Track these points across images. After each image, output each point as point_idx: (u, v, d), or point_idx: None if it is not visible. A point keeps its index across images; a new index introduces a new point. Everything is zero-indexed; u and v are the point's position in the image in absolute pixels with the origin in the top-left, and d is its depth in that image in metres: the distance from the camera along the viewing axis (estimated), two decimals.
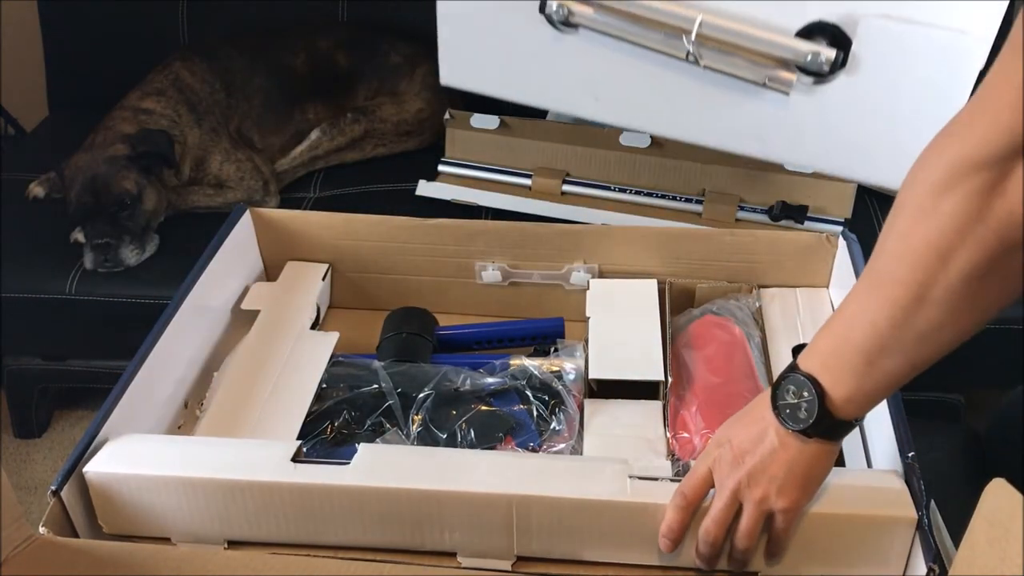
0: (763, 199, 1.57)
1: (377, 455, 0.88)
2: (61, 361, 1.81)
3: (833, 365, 0.74)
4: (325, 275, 1.22)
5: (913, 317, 0.70)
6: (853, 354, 0.73)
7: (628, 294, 1.14)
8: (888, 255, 0.70)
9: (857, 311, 0.73)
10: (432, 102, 1.89)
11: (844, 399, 0.74)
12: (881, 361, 0.72)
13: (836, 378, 0.74)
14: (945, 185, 0.65)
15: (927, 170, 0.68)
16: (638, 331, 1.08)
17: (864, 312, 0.72)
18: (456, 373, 1.05)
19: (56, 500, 0.85)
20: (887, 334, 0.71)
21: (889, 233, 0.70)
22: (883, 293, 0.70)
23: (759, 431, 0.77)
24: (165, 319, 1.04)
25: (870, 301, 0.72)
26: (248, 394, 1.05)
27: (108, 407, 0.93)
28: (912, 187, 0.68)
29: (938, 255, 0.67)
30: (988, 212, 0.64)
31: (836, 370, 0.74)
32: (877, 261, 0.72)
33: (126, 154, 1.63)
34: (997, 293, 0.69)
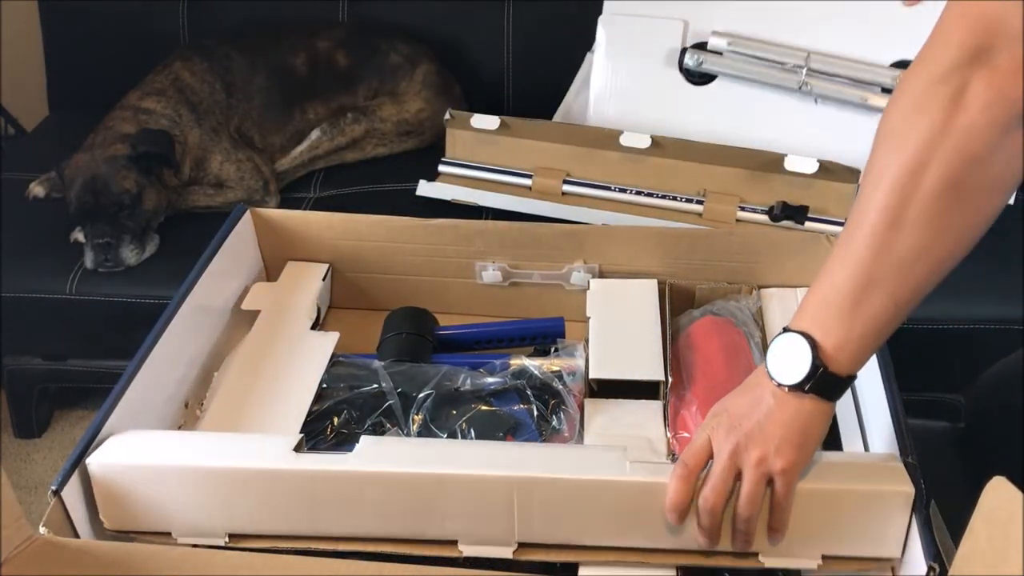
0: (764, 199, 1.57)
1: (378, 445, 0.88)
2: (61, 361, 1.81)
3: (821, 315, 0.76)
4: (325, 275, 1.22)
5: (893, 242, 0.72)
6: (838, 297, 0.75)
7: (628, 294, 1.14)
8: (867, 187, 0.74)
9: (839, 253, 0.75)
10: (432, 102, 1.89)
11: (835, 347, 0.75)
12: (867, 298, 0.74)
13: (825, 327, 0.75)
14: (915, 108, 0.70)
15: (899, 101, 0.72)
16: (638, 331, 1.08)
17: (846, 251, 0.74)
18: (456, 373, 1.05)
19: (56, 500, 0.85)
20: (870, 266, 0.73)
21: (868, 169, 0.74)
22: (863, 225, 0.73)
23: (755, 396, 0.78)
24: (166, 319, 1.04)
25: (852, 238, 0.74)
26: (248, 394, 1.05)
27: (108, 407, 0.93)
28: (887, 120, 0.72)
29: (910, 175, 0.70)
30: (951, 127, 0.68)
31: (824, 319, 0.75)
32: (858, 200, 0.75)
33: (126, 154, 1.63)
34: (972, 212, 0.72)
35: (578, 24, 1.93)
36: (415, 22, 1.98)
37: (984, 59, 0.68)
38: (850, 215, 0.76)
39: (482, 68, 1.99)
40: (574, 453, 0.87)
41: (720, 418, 0.80)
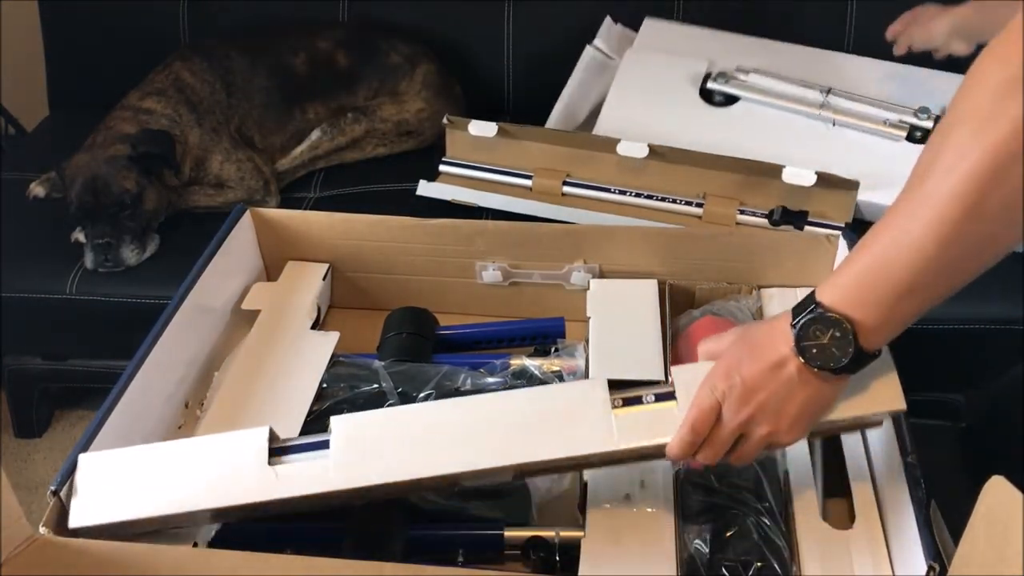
0: (763, 203, 1.57)
1: (353, 434, 0.85)
2: (61, 361, 1.81)
3: (868, 298, 0.72)
4: (325, 275, 1.22)
5: (967, 233, 0.67)
6: (890, 284, 0.70)
7: (628, 294, 1.14)
8: (938, 171, 0.67)
9: (892, 235, 0.70)
10: (432, 102, 1.89)
11: (874, 330, 0.73)
12: (924, 289, 0.70)
13: (868, 311, 0.72)
14: (1004, 92, 0.63)
15: (978, 86, 0.65)
16: (638, 331, 1.08)
17: (904, 235, 0.69)
18: (456, 373, 1.05)
19: (56, 500, 0.85)
20: (935, 258, 0.68)
21: (935, 154, 0.67)
22: (930, 210, 0.67)
23: (775, 369, 0.75)
24: (165, 319, 1.04)
25: (913, 222, 0.68)
26: (248, 394, 1.05)
27: (108, 406, 0.93)
28: (961, 105, 0.66)
29: (1000, 163, 0.64)
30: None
31: (871, 303, 0.72)
32: (923, 184, 0.68)
33: (127, 154, 1.63)
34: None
35: (579, 24, 1.93)
36: (415, 22, 1.98)
37: None
38: (906, 198, 0.70)
39: (482, 68, 1.99)
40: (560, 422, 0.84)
41: (733, 384, 0.77)
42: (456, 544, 0.92)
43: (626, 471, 0.92)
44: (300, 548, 0.91)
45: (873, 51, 1.81)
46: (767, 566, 0.84)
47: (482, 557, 0.92)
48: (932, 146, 0.69)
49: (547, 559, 0.90)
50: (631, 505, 0.90)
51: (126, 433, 0.96)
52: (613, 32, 1.90)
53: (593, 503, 0.91)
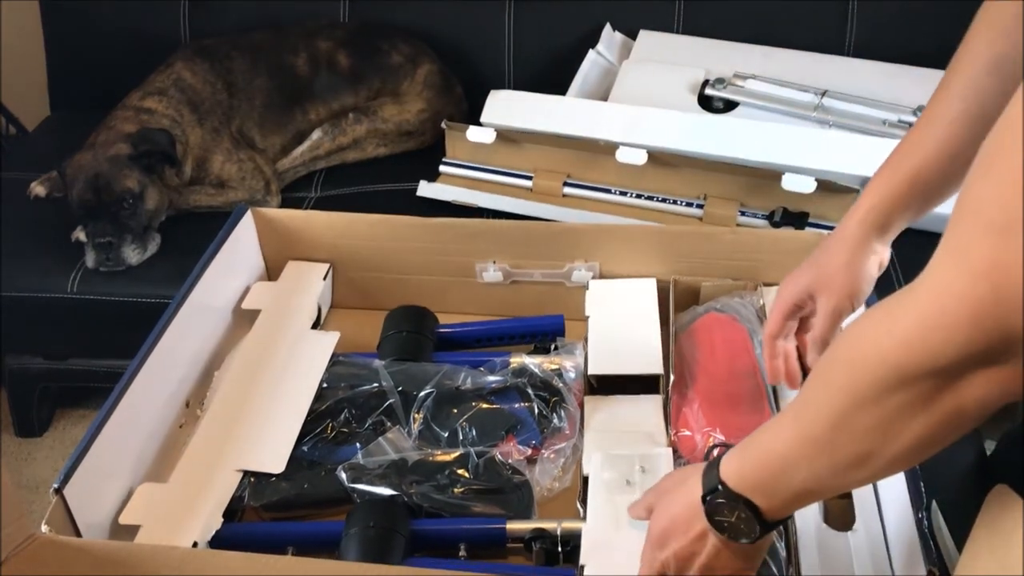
0: (764, 205, 1.57)
1: None
2: (62, 360, 1.81)
3: (766, 492, 0.72)
4: (326, 275, 1.22)
5: (854, 474, 0.68)
6: (790, 485, 0.71)
7: (627, 293, 1.14)
8: (824, 424, 0.66)
9: (794, 456, 0.70)
10: (434, 102, 1.89)
11: (778, 509, 0.74)
12: (820, 491, 0.72)
13: (770, 502, 0.73)
14: (892, 386, 0.61)
15: (872, 360, 0.62)
16: (637, 328, 1.08)
17: (800, 460, 0.69)
18: (456, 371, 1.05)
19: (58, 498, 0.85)
20: (827, 482, 0.69)
21: (827, 396, 0.66)
22: (820, 452, 0.67)
23: (697, 538, 0.77)
24: (166, 319, 1.04)
25: (806, 451, 0.68)
26: (248, 394, 1.05)
27: (110, 406, 0.93)
28: (853, 369, 0.64)
29: (882, 440, 0.64)
30: (935, 405, 0.60)
31: (770, 496, 0.72)
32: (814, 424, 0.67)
33: (128, 153, 1.63)
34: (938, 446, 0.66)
35: (580, 24, 1.93)
36: (417, 22, 1.98)
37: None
38: (797, 419, 0.69)
39: (484, 68, 1.99)
40: None
41: (667, 558, 0.79)
42: (458, 538, 0.92)
43: (626, 459, 0.93)
44: (301, 547, 0.92)
45: (874, 53, 1.82)
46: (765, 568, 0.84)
47: (484, 551, 0.92)
48: (825, 373, 0.68)
49: (550, 551, 0.90)
50: (632, 491, 0.90)
51: (128, 432, 0.96)
52: (614, 39, 1.90)
53: (594, 491, 0.91)
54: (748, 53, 1.83)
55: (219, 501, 0.94)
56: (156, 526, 0.92)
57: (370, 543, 0.88)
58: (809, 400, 0.68)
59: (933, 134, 0.87)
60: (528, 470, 0.97)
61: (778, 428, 0.71)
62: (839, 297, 0.92)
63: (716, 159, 1.57)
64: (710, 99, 1.74)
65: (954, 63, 0.86)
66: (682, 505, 0.78)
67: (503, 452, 0.98)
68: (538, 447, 0.98)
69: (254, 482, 0.97)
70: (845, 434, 0.65)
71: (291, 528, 0.95)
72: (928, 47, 1.54)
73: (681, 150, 1.58)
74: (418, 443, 0.99)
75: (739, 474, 0.73)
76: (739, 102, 1.73)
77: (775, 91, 1.72)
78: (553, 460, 0.98)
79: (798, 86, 1.71)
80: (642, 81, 1.77)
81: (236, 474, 0.97)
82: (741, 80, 1.74)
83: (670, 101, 1.72)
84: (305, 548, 0.92)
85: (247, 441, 1.00)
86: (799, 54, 1.84)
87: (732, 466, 0.74)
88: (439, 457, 0.98)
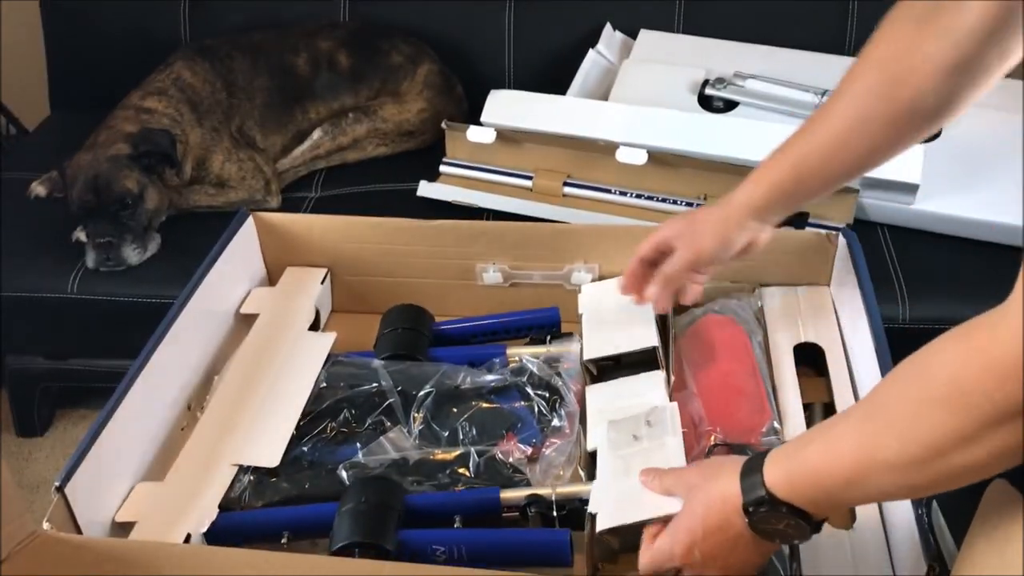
0: None
1: None
2: (63, 360, 1.81)
3: (822, 503, 0.71)
4: (324, 279, 1.22)
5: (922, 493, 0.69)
6: (850, 502, 0.73)
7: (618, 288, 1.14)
8: (914, 453, 0.64)
9: (865, 475, 0.68)
10: (434, 102, 1.89)
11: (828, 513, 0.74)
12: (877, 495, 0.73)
13: (824, 511, 0.72)
14: (994, 422, 0.59)
15: (975, 396, 0.60)
16: (629, 315, 1.08)
17: (871, 480, 0.68)
18: (456, 371, 1.05)
19: (60, 496, 0.85)
20: (893, 497, 0.71)
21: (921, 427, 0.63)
22: (899, 476, 0.66)
23: (732, 541, 0.76)
24: (167, 323, 1.04)
25: (883, 476, 0.67)
26: (244, 393, 1.06)
27: (111, 408, 0.93)
28: (951, 406, 0.61)
29: (972, 472, 0.63)
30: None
31: (826, 507, 0.72)
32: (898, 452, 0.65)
33: (128, 153, 1.63)
34: None
35: (580, 24, 1.93)
36: (417, 22, 1.98)
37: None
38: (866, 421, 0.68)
39: (484, 68, 1.99)
40: None
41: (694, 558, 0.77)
42: (453, 510, 0.92)
43: (631, 419, 0.92)
44: (297, 532, 0.92)
45: None
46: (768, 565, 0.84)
47: (479, 520, 0.92)
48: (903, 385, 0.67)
49: (545, 515, 0.90)
50: (640, 443, 0.90)
51: (130, 433, 0.96)
52: (614, 39, 1.91)
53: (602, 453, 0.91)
54: (748, 53, 1.83)
55: (214, 495, 0.94)
56: (151, 521, 0.92)
57: (363, 518, 0.88)
58: (884, 419, 0.66)
59: (823, 128, 0.90)
60: (529, 469, 0.97)
61: (839, 443, 0.69)
62: (697, 254, 0.97)
63: (716, 159, 1.57)
64: (710, 99, 1.75)
65: (860, 58, 0.88)
66: (716, 507, 0.76)
67: (503, 451, 0.98)
68: (538, 446, 0.98)
69: (254, 482, 0.97)
70: (938, 467, 0.63)
71: (286, 513, 0.95)
72: None
73: (681, 150, 1.59)
74: (418, 442, 0.99)
75: (789, 485, 0.71)
76: (739, 102, 1.73)
77: (775, 91, 1.72)
78: (553, 458, 0.98)
79: (798, 86, 1.71)
80: (642, 81, 1.77)
81: (231, 468, 0.97)
82: (741, 80, 1.75)
83: (670, 101, 1.72)
84: (301, 533, 0.92)
85: (242, 437, 1.00)
86: (799, 54, 1.84)
87: (779, 475, 0.72)
88: (440, 456, 0.98)
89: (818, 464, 0.70)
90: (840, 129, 0.89)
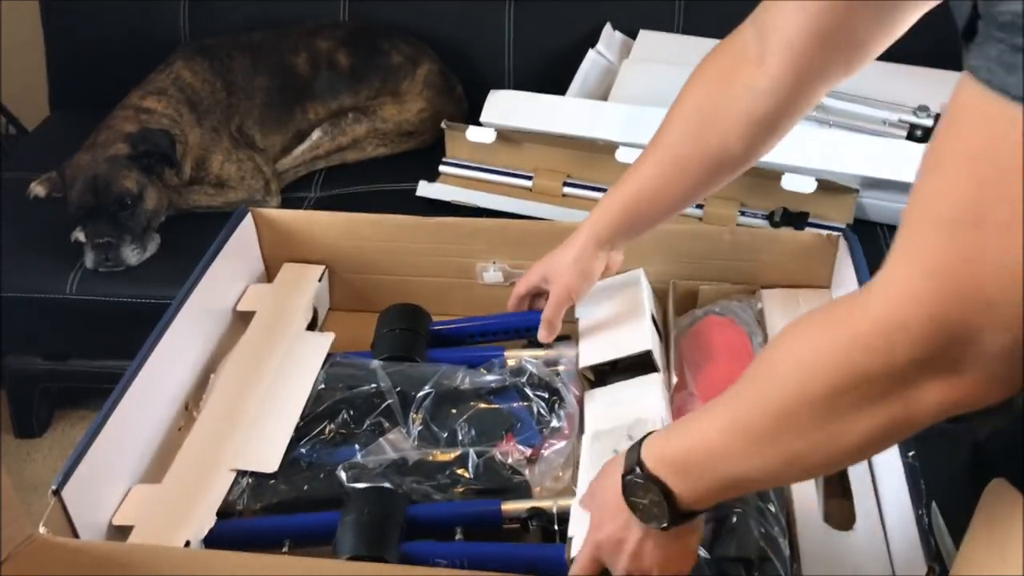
0: (764, 205, 1.57)
1: None
2: (62, 361, 1.81)
3: (687, 479, 0.72)
4: (321, 276, 1.22)
5: (786, 471, 0.69)
6: (713, 478, 0.71)
7: (613, 288, 1.13)
8: (768, 420, 0.66)
9: (726, 446, 0.70)
10: (434, 102, 1.89)
11: (697, 503, 0.74)
12: (742, 487, 0.74)
13: (689, 489, 0.73)
14: (844, 387, 0.61)
15: (826, 360, 0.62)
16: (626, 317, 1.08)
17: (731, 451, 0.69)
18: (454, 371, 1.05)
19: (56, 500, 0.85)
20: (756, 475, 0.70)
21: (773, 392, 0.66)
22: (757, 445, 0.68)
23: (623, 521, 0.77)
24: (165, 322, 1.04)
25: (742, 444, 0.68)
26: (242, 395, 1.05)
27: (109, 408, 0.93)
28: (801, 367, 0.63)
29: (826, 440, 0.63)
30: (884, 409, 0.60)
31: (691, 483, 0.72)
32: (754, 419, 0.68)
33: (127, 153, 1.63)
34: None
35: (580, 24, 1.93)
36: (417, 22, 1.98)
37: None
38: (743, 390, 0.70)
39: (484, 68, 1.99)
40: None
41: (601, 538, 0.79)
42: (454, 521, 0.92)
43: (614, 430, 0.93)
44: (298, 540, 0.92)
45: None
46: (768, 564, 0.84)
47: (481, 532, 0.92)
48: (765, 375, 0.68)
49: (546, 529, 0.90)
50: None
51: (127, 434, 0.96)
52: (614, 39, 1.90)
53: (583, 467, 0.92)
54: None
55: (212, 500, 0.94)
56: (149, 526, 0.91)
57: (365, 530, 0.88)
58: (749, 395, 0.68)
59: (647, 170, 0.99)
60: (528, 470, 0.96)
61: (709, 419, 0.71)
62: (561, 288, 1.05)
63: None
64: None
65: (674, 106, 0.99)
66: (611, 488, 0.78)
67: (502, 452, 0.97)
68: (537, 447, 0.98)
69: (252, 484, 0.97)
70: (789, 431, 0.65)
71: (287, 522, 0.95)
72: (928, 47, 1.54)
73: None
74: (417, 443, 0.99)
75: (659, 456, 0.74)
76: None
77: None
78: (552, 460, 0.97)
79: None
80: (642, 81, 1.76)
81: (230, 473, 0.97)
82: None
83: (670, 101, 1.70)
84: (301, 541, 0.92)
85: (240, 441, 1.00)
86: None
87: (654, 449, 0.75)
88: (439, 457, 0.98)
89: (688, 438, 0.73)
90: (661, 172, 0.98)
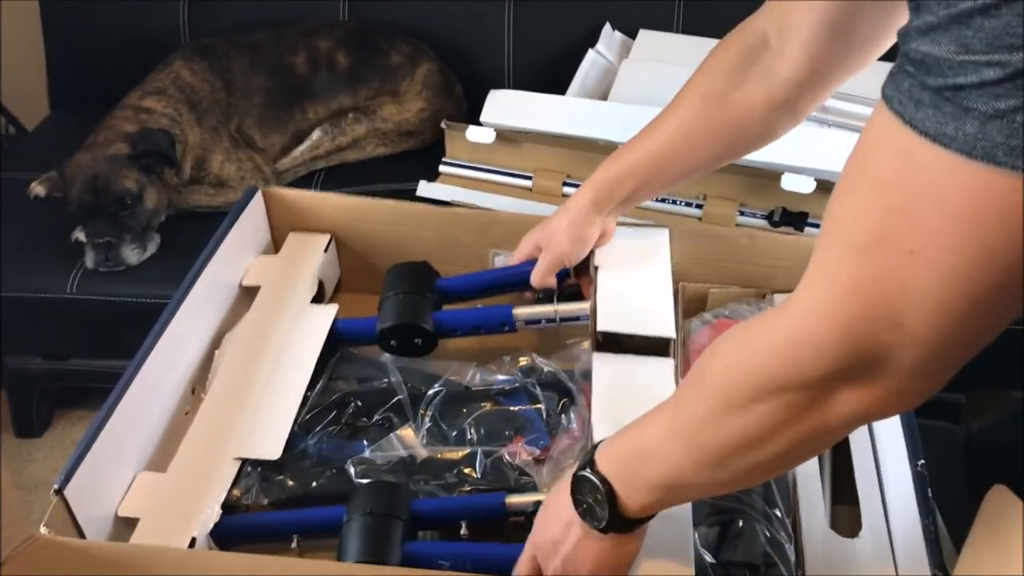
0: (763, 204, 1.57)
1: None
2: (62, 360, 1.81)
3: (628, 479, 0.73)
4: (328, 246, 1.20)
5: (714, 474, 0.70)
6: (649, 479, 0.73)
7: (637, 244, 1.12)
8: (695, 422, 0.69)
9: (662, 446, 0.71)
10: (433, 101, 1.89)
11: (638, 508, 0.74)
12: (677, 492, 0.74)
13: (630, 490, 0.73)
14: (762, 395, 0.64)
15: (746, 368, 0.65)
16: (648, 284, 1.06)
17: (665, 451, 0.71)
18: (465, 368, 1.04)
19: (59, 499, 0.84)
20: (688, 478, 0.71)
21: (701, 396, 0.69)
22: (687, 446, 0.70)
23: (566, 522, 0.78)
24: (174, 306, 1.03)
25: (675, 445, 0.70)
26: (246, 375, 1.04)
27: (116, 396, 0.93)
28: (728, 374, 0.67)
29: (746, 444, 0.66)
30: (803, 417, 0.63)
31: (631, 484, 0.73)
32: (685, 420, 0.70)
33: (127, 153, 1.63)
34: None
35: (580, 24, 1.93)
36: (416, 21, 1.98)
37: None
38: (675, 412, 0.72)
39: (484, 68, 1.99)
40: None
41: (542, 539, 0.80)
42: (459, 516, 0.92)
43: None
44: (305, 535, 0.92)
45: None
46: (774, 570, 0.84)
47: (486, 527, 0.92)
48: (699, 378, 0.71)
49: None
50: None
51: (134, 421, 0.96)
52: (614, 39, 1.90)
53: None
54: None
55: (218, 492, 0.94)
56: (155, 519, 0.91)
57: (369, 530, 0.88)
58: (685, 397, 0.71)
59: (653, 142, 1.01)
60: (536, 471, 0.96)
61: (654, 421, 0.73)
62: (555, 254, 1.07)
63: None
64: None
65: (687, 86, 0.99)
66: (563, 489, 0.79)
67: (510, 452, 0.97)
68: (546, 448, 0.98)
69: (260, 479, 0.97)
70: (712, 434, 0.67)
71: (294, 516, 0.95)
72: None
73: None
74: (426, 441, 0.99)
75: (608, 456, 0.75)
76: None
77: None
78: (561, 460, 0.97)
79: None
80: (642, 81, 1.76)
81: (234, 463, 0.97)
82: None
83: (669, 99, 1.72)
84: (310, 535, 0.93)
85: (244, 426, 0.99)
86: None
87: (606, 448, 0.76)
88: (447, 455, 0.98)
89: (633, 437, 0.74)
90: (671, 145, 0.99)
